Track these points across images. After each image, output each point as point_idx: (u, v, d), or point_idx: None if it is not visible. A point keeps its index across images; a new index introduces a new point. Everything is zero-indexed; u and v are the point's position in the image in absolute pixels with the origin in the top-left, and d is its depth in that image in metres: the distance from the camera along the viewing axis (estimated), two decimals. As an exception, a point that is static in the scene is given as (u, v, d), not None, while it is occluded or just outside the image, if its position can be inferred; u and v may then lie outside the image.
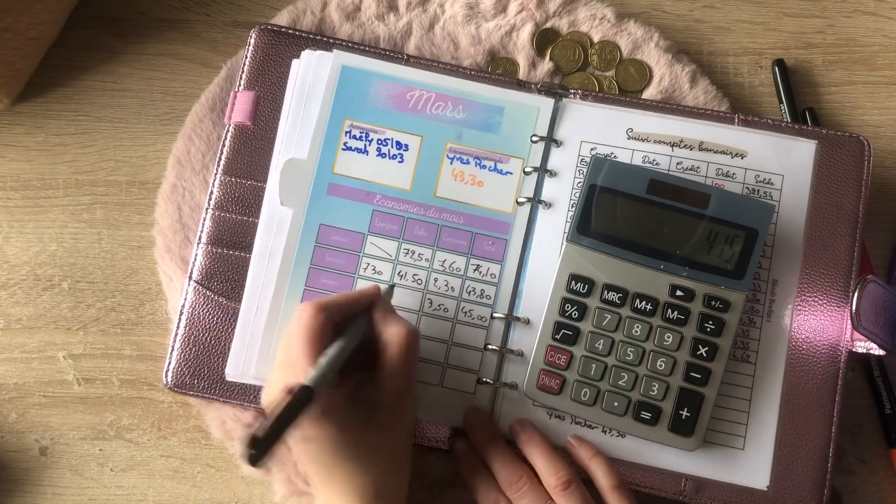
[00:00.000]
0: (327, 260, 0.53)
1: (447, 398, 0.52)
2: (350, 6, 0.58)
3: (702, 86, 0.58)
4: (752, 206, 0.50)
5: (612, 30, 0.59)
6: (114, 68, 0.59)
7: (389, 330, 0.46)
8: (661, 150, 0.54)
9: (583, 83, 0.58)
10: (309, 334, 0.44)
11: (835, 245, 0.53)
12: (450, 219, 0.53)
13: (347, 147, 0.54)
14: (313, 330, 0.44)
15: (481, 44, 0.58)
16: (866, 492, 0.55)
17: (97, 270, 0.57)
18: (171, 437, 0.55)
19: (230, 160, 0.55)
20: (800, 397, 0.51)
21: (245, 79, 0.55)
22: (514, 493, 0.48)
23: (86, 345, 0.56)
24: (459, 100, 0.54)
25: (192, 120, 0.57)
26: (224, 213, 0.54)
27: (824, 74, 0.61)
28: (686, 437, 0.50)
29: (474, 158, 0.54)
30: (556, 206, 0.53)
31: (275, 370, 0.46)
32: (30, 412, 0.55)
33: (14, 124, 0.59)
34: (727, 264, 0.50)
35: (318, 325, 0.44)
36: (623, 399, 0.50)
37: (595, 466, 0.49)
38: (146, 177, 0.58)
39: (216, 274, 0.53)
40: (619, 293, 0.50)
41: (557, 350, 0.51)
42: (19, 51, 0.56)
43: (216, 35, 0.60)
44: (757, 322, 0.52)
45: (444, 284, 0.53)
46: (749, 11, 0.61)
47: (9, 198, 0.58)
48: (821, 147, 0.54)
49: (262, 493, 0.54)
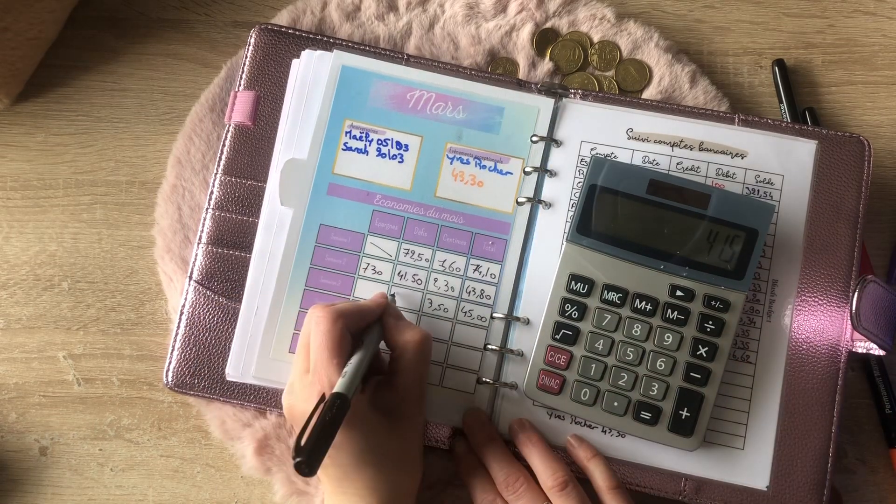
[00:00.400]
0: (327, 260, 0.53)
1: (447, 398, 0.52)
2: (350, 6, 0.58)
3: (702, 86, 0.58)
4: (752, 207, 0.50)
5: (612, 30, 0.59)
6: (114, 68, 0.59)
7: (404, 337, 0.47)
8: (661, 150, 0.54)
9: (583, 83, 0.58)
10: (332, 342, 0.44)
11: (835, 245, 0.53)
12: (450, 219, 0.53)
13: (347, 147, 0.54)
14: (335, 337, 0.44)
15: (481, 44, 0.58)
16: (866, 492, 0.55)
17: (97, 270, 0.57)
18: (171, 437, 0.55)
19: (230, 160, 0.55)
20: (800, 397, 0.51)
21: (245, 79, 0.55)
22: (511, 494, 0.48)
23: (86, 345, 0.56)
24: (459, 100, 0.54)
25: (192, 120, 0.57)
26: (224, 213, 0.54)
27: (824, 74, 0.61)
28: (686, 437, 0.50)
29: (474, 158, 0.54)
30: (556, 206, 0.53)
31: (297, 376, 0.46)
32: (30, 412, 0.55)
33: (14, 124, 0.59)
34: (727, 264, 0.50)
35: (339, 332, 0.45)
36: (623, 399, 0.50)
37: (594, 467, 0.49)
38: (146, 177, 0.58)
39: (216, 274, 0.53)
40: (619, 293, 0.50)
41: (557, 350, 0.51)
42: (19, 51, 0.56)
43: (216, 35, 0.60)
44: (757, 322, 0.52)
45: (444, 284, 0.53)
46: (749, 11, 0.61)
47: (9, 198, 0.58)
48: (821, 147, 0.54)
49: (262, 493, 0.54)
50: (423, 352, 0.47)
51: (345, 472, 0.45)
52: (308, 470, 0.38)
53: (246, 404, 0.52)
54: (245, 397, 0.52)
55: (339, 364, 0.44)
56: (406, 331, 0.47)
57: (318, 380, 0.44)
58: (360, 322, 0.47)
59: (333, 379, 0.43)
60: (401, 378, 0.47)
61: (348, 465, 0.45)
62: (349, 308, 0.46)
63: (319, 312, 0.45)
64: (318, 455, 0.39)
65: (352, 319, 0.46)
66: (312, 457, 0.39)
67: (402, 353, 0.47)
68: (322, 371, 0.44)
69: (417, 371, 0.47)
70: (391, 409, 0.46)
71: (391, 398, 0.47)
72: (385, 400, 0.46)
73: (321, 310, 0.45)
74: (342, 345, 0.45)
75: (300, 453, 0.38)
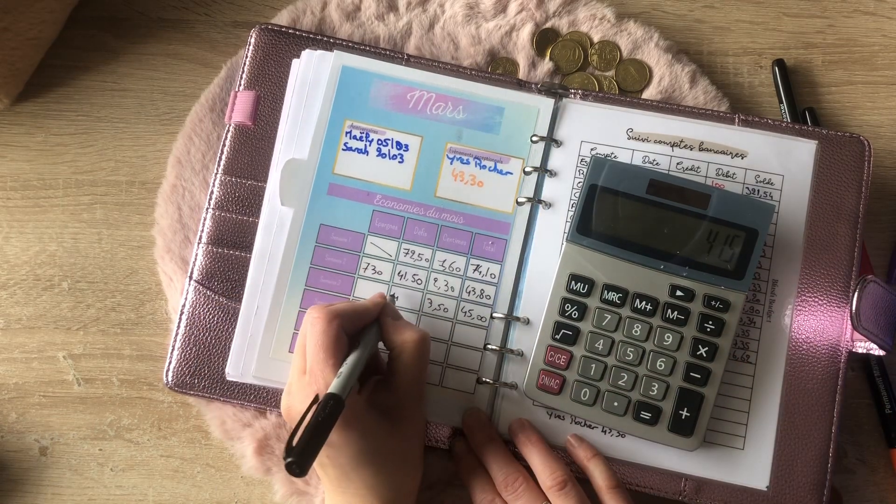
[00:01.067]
0: (327, 260, 0.53)
1: (447, 398, 0.52)
2: (350, 6, 0.58)
3: (702, 86, 0.58)
4: (752, 207, 0.50)
5: (612, 30, 0.59)
6: (114, 68, 0.59)
7: (402, 337, 0.47)
8: (661, 151, 0.54)
9: (583, 83, 0.58)
10: (327, 342, 0.44)
11: (835, 245, 0.53)
12: (450, 219, 0.53)
13: (348, 147, 0.54)
14: (331, 338, 0.44)
15: (481, 44, 0.58)
16: (866, 492, 0.55)
17: (97, 270, 0.57)
18: (171, 437, 0.55)
19: (230, 160, 0.55)
20: (800, 397, 0.51)
21: (245, 79, 0.55)
22: (510, 494, 0.48)
23: (86, 345, 0.56)
24: (459, 100, 0.54)
25: (192, 120, 0.57)
26: (224, 213, 0.54)
27: (824, 74, 0.61)
28: (686, 437, 0.50)
29: (474, 158, 0.54)
30: (556, 206, 0.53)
31: (295, 377, 0.46)
32: (30, 412, 0.55)
33: (14, 124, 0.59)
34: (727, 264, 0.50)
35: (335, 332, 0.45)
36: (623, 399, 0.50)
37: (593, 467, 0.49)
38: (146, 177, 0.58)
39: (216, 274, 0.53)
40: (619, 293, 0.50)
41: (557, 350, 0.51)
42: (19, 51, 0.56)
43: (216, 35, 0.60)
44: (757, 322, 0.52)
45: (444, 284, 0.53)
46: (749, 11, 0.61)
47: (9, 198, 0.58)
48: (821, 147, 0.54)
49: (262, 493, 0.54)
50: (421, 351, 0.47)
51: (344, 472, 0.45)
52: (299, 470, 0.38)
53: (246, 404, 0.52)
54: (245, 397, 0.52)
55: (334, 364, 0.44)
56: (404, 331, 0.47)
57: (314, 380, 0.44)
58: (358, 322, 0.47)
59: (329, 379, 0.43)
60: (399, 378, 0.47)
61: (347, 465, 0.45)
62: (346, 308, 0.46)
63: (315, 313, 0.45)
64: (310, 455, 0.39)
65: (348, 320, 0.46)
66: (303, 457, 0.38)
67: (399, 353, 0.47)
68: (317, 371, 0.44)
69: (415, 371, 0.47)
70: (390, 409, 0.46)
71: (389, 398, 0.47)
72: (383, 400, 0.46)
73: (317, 310, 0.45)
74: (338, 345, 0.45)
75: (291, 453, 0.38)
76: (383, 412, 0.46)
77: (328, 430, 0.40)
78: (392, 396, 0.47)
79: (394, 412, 0.46)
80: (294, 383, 0.46)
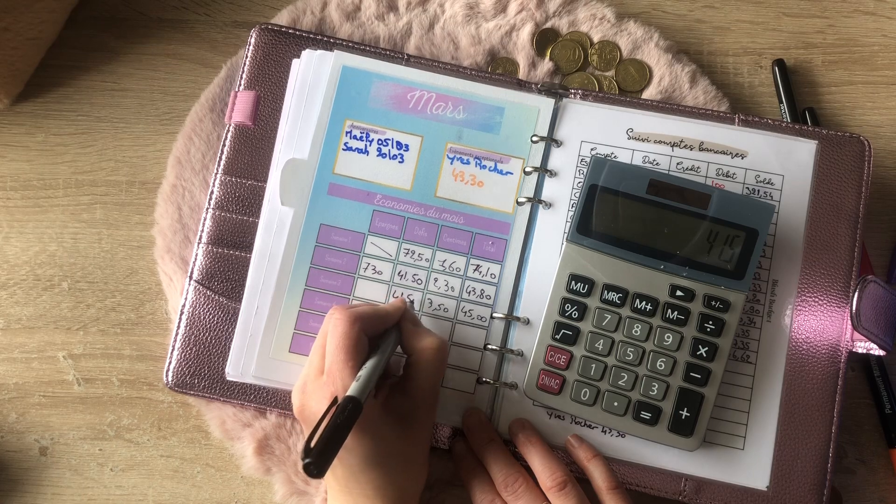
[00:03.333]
0: (328, 260, 0.53)
1: (447, 398, 0.52)
2: (350, 6, 0.58)
3: (702, 86, 0.58)
4: (753, 207, 0.50)
5: (612, 30, 0.59)
6: (114, 68, 0.59)
7: (422, 343, 0.47)
8: (661, 151, 0.54)
9: (583, 83, 0.58)
10: (349, 345, 0.44)
11: (835, 245, 0.53)
12: (450, 219, 0.53)
13: (348, 147, 0.54)
14: (352, 340, 0.45)
15: (481, 44, 0.58)
16: (866, 492, 0.55)
17: (97, 270, 0.57)
18: (171, 437, 0.55)
19: (230, 160, 0.55)
20: (800, 397, 0.51)
21: (245, 79, 0.55)
22: (510, 495, 0.48)
23: (86, 345, 0.56)
24: (460, 100, 0.54)
25: (192, 120, 0.57)
26: (224, 213, 0.54)
27: (824, 74, 0.61)
28: (686, 437, 0.50)
29: (474, 158, 0.54)
30: (556, 206, 0.53)
31: (310, 377, 0.46)
32: (30, 412, 0.55)
33: (14, 124, 0.59)
34: (727, 264, 0.50)
35: (356, 335, 0.45)
36: (623, 399, 0.50)
37: (593, 468, 0.49)
38: (146, 177, 0.58)
39: (216, 274, 0.53)
40: (619, 293, 0.50)
41: (557, 350, 0.51)
42: (19, 51, 0.56)
43: (216, 35, 0.60)
44: (757, 322, 0.52)
45: (444, 284, 0.53)
46: (749, 11, 0.61)
47: (9, 198, 0.58)
48: (821, 147, 0.54)
49: (262, 493, 0.54)
50: (439, 359, 0.47)
51: (352, 473, 0.45)
52: (317, 472, 0.38)
53: (246, 404, 0.52)
54: (245, 397, 0.52)
55: (354, 367, 0.44)
56: (424, 337, 0.48)
57: (332, 382, 0.44)
58: (378, 326, 0.47)
59: (347, 382, 0.43)
60: (416, 384, 0.47)
61: (356, 466, 0.45)
62: (368, 311, 0.46)
63: (338, 315, 0.45)
64: (328, 457, 0.39)
65: (369, 323, 0.46)
66: (322, 459, 0.39)
67: (418, 360, 0.47)
68: (336, 374, 0.44)
69: (433, 378, 0.47)
70: (404, 414, 0.46)
71: (405, 403, 0.47)
72: (398, 405, 0.46)
73: (340, 312, 0.45)
74: (358, 348, 0.45)
75: (309, 454, 0.38)
76: (397, 417, 0.46)
77: (346, 433, 0.41)
78: (407, 401, 0.47)
79: (407, 416, 0.46)
80: (310, 382, 0.46)
